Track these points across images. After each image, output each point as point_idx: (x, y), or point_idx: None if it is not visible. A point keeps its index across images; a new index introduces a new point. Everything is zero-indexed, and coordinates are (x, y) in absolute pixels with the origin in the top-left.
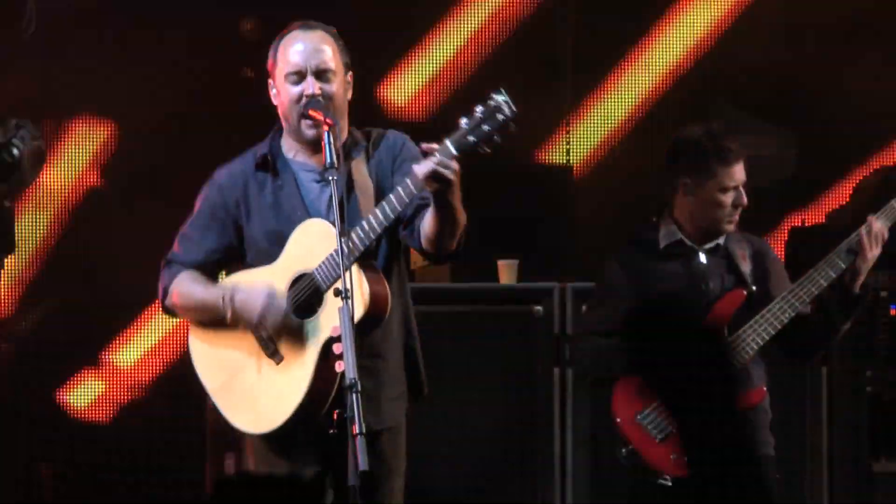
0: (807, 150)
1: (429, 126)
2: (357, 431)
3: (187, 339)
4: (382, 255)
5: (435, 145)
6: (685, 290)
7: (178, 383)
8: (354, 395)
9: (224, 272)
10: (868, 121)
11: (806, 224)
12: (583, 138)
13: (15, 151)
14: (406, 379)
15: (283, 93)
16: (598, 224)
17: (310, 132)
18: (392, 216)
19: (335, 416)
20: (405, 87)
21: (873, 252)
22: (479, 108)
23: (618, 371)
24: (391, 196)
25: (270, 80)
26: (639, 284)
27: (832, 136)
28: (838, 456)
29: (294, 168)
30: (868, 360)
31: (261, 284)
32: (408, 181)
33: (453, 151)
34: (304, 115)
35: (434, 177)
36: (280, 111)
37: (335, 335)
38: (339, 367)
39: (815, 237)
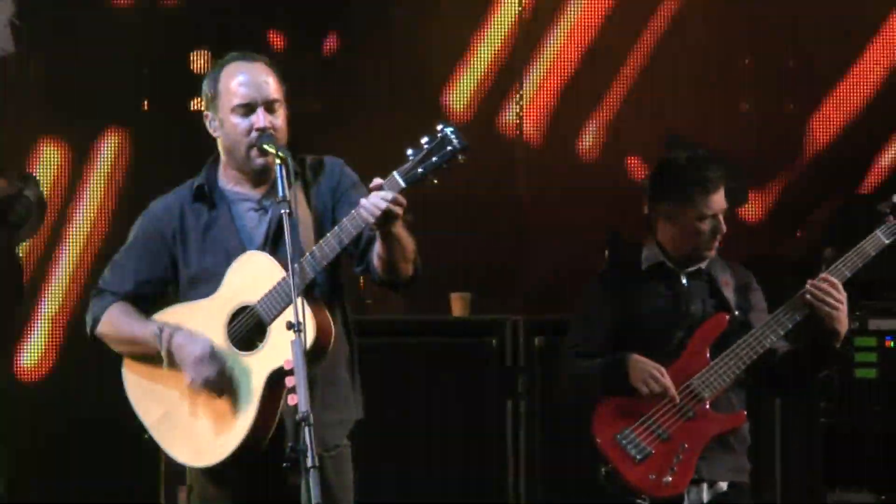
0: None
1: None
2: (310, 465)
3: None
4: (325, 284)
5: (381, 181)
6: (667, 312)
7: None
8: (307, 429)
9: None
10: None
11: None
12: (536, 169)
13: (27, 202)
14: (351, 404)
15: (227, 125)
16: (552, 257)
17: (259, 160)
18: (345, 243)
19: (287, 449)
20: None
21: (833, 306)
22: (425, 140)
23: (597, 394)
24: (344, 224)
25: (208, 112)
26: (621, 305)
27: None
28: (793, 487)
29: (230, 198)
30: (822, 392)
31: (199, 341)
32: (354, 212)
33: (402, 184)
34: (257, 148)
35: (383, 213)
36: (223, 143)
37: (288, 367)
38: (291, 400)
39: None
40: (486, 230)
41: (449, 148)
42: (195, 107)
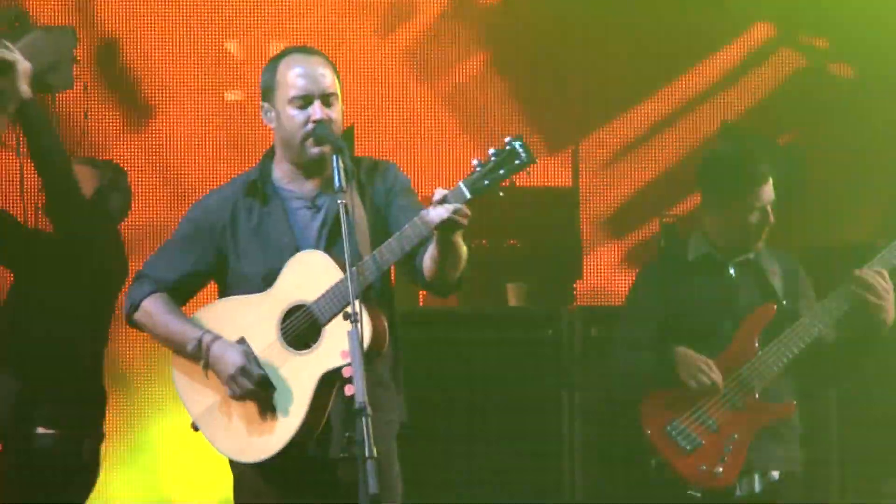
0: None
1: None
2: (367, 455)
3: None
4: (379, 289)
5: (446, 192)
6: (715, 303)
7: None
8: (365, 419)
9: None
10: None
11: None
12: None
13: (124, 193)
14: (396, 407)
15: (284, 116)
16: (605, 247)
17: (314, 150)
18: (406, 250)
19: (345, 440)
20: None
21: (880, 295)
22: (492, 151)
23: (648, 389)
24: (406, 231)
25: (265, 103)
26: (669, 297)
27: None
28: (849, 477)
29: (283, 195)
30: (876, 380)
31: (235, 354)
32: (418, 221)
33: (467, 195)
34: (313, 138)
35: (448, 224)
36: (278, 134)
37: (344, 359)
38: (348, 390)
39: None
40: (543, 221)
41: (517, 162)
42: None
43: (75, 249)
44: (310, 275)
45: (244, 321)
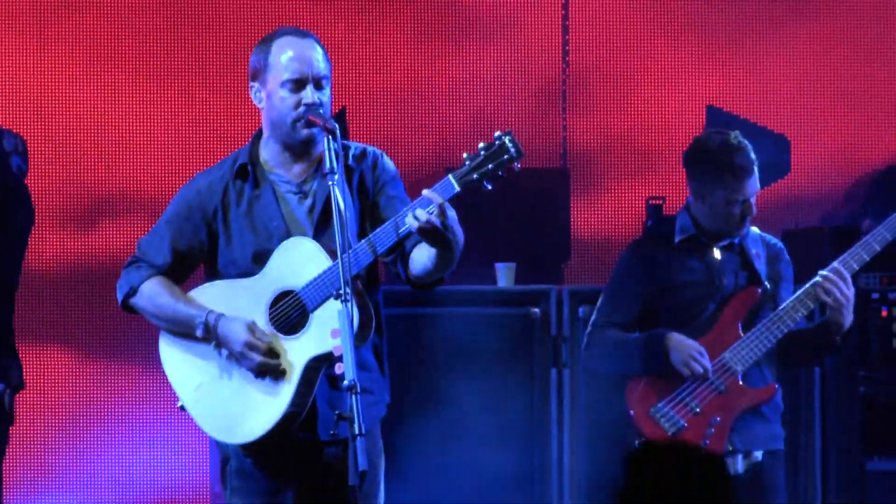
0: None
1: None
2: (357, 432)
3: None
4: (365, 276)
5: (433, 194)
6: (699, 285)
7: None
8: (354, 397)
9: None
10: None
11: (799, 227)
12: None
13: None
14: (382, 389)
15: (275, 98)
16: (593, 228)
17: (304, 132)
18: (386, 249)
19: (336, 418)
20: None
21: (839, 301)
22: (482, 146)
23: (631, 370)
24: (394, 224)
25: (255, 83)
26: (653, 276)
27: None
28: (832, 454)
29: (271, 179)
30: (861, 361)
31: (241, 327)
32: (394, 221)
33: (456, 187)
34: (304, 120)
35: (424, 231)
36: (268, 115)
37: (335, 337)
38: (338, 368)
39: (808, 239)
40: (532, 203)
41: (506, 157)
42: None
43: None
44: (299, 261)
45: (235, 304)
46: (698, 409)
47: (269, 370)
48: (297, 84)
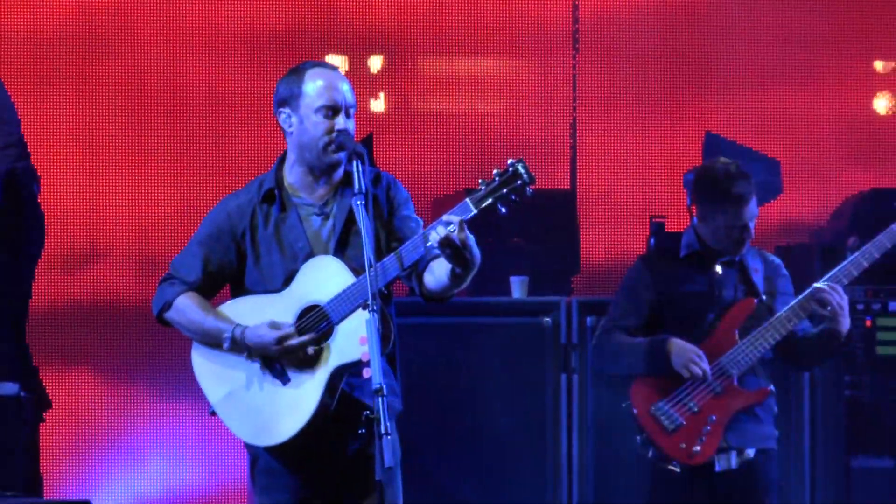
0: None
1: None
2: (383, 431)
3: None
4: (381, 289)
5: (452, 216)
6: (701, 296)
7: None
8: (380, 399)
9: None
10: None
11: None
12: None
13: None
14: (397, 394)
15: (308, 123)
16: (600, 244)
17: (334, 155)
18: (412, 263)
19: (364, 419)
20: None
21: (835, 311)
22: (496, 172)
23: (636, 371)
24: (421, 238)
25: (286, 109)
26: (660, 286)
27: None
28: (820, 453)
29: (295, 202)
30: (846, 368)
31: (263, 325)
32: (423, 234)
33: (472, 209)
34: (335, 145)
35: (448, 245)
36: (298, 138)
37: (363, 344)
38: (366, 373)
39: (798, 255)
40: (544, 221)
41: (519, 182)
42: None
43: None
44: (323, 278)
45: (263, 317)
46: (696, 409)
47: (308, 360)
48: (331, 111)
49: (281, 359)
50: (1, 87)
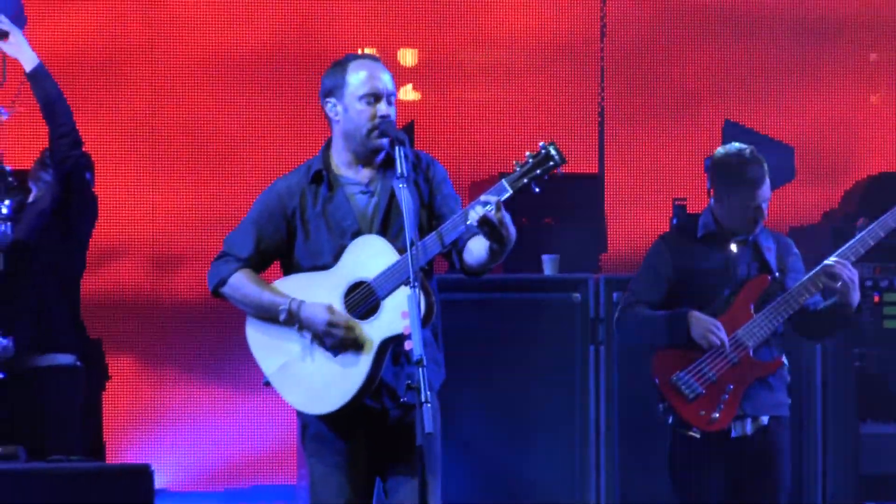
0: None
1: None
2: (423, 400)
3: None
4: (423, 268)
5: (489, 196)
6: (717, 273)
7: None
8: (421, 370)
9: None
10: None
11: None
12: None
13: None
14: (440, 363)
15: (353, 110)
16: (626, 225)
17: (377, 140)
18: (452, 241)
19: (406, 387)
20: None
21: (846, 285)
22: (529, 154)
23: (657, 342)
24: (452, 224)
25: (332, 98)
26: (679, 264)
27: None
28: (831, 420)
29: (342, 181)
30: (855, 340)
31: (322, 309)
32: (463, 213)
33: (508, 190)
34: (379, 131)
35: (483, 221)
36: (343, 126)
37: (405, 318)
38: (407, 345)
39: (808, 236)
40: (573, 202)
41: (551, 163)
42: None
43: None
44: (369, 255)
45: (315, 293)
46: (714, 378)
47: (349, 344)
48: (374, 98)
49: (324, 339)
50: (51, 78)
